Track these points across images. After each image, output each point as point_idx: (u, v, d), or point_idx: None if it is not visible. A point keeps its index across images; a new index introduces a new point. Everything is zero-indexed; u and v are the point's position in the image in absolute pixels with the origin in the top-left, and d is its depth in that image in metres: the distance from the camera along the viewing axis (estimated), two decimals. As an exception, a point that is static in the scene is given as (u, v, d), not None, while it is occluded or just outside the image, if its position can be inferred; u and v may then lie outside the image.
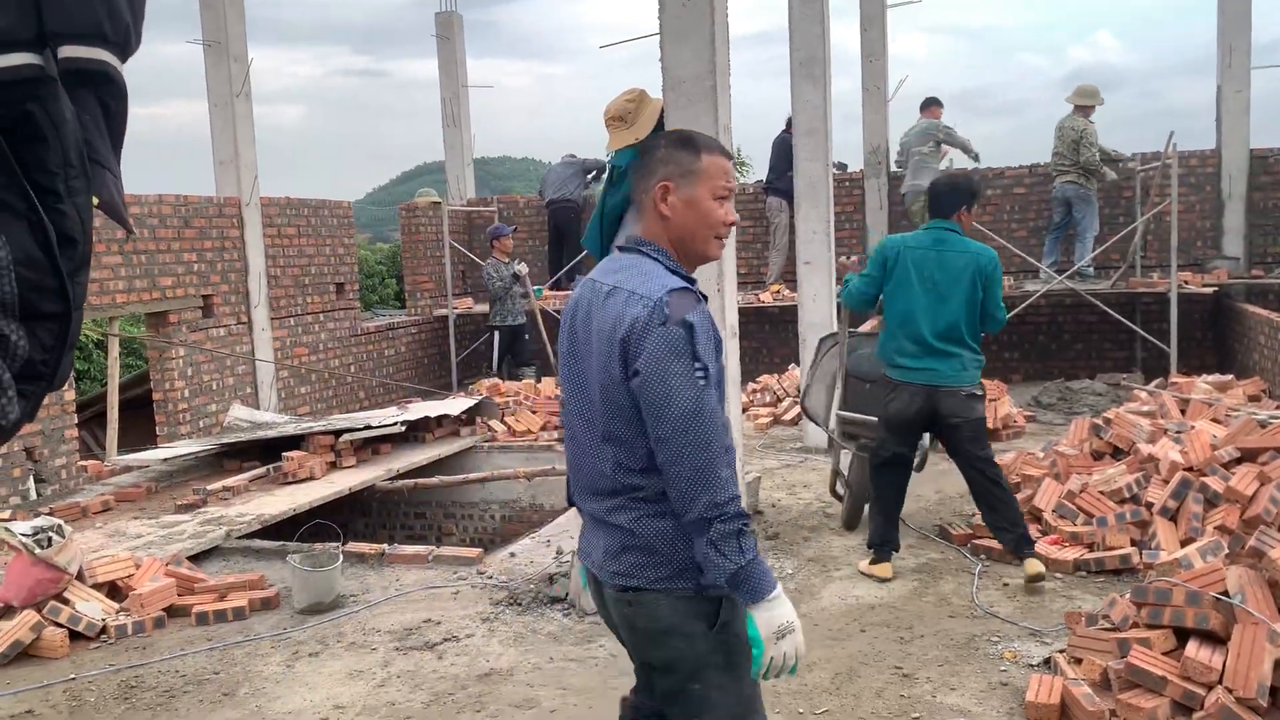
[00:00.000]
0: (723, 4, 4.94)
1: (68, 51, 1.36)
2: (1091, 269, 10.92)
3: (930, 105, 11.54)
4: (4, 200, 1.33)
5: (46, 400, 7.18)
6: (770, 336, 12.63)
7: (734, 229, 2.42)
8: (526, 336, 11.51)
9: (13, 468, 7.27)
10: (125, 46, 1.45)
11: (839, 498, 6.16)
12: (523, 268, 11.18)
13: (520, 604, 4.91)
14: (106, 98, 1.47)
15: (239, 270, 9.54)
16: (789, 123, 11.53)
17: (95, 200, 1.48)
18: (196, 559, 5.76)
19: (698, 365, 2.11)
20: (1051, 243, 11.19)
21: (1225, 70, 11.08)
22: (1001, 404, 8.39)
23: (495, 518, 7.97)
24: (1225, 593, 3.51)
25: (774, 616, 2.11)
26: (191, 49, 9.62)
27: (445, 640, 4.54)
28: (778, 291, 11.76)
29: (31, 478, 7.46)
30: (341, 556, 5.26)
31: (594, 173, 12.62)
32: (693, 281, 2.24)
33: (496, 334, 11.20)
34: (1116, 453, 6.23)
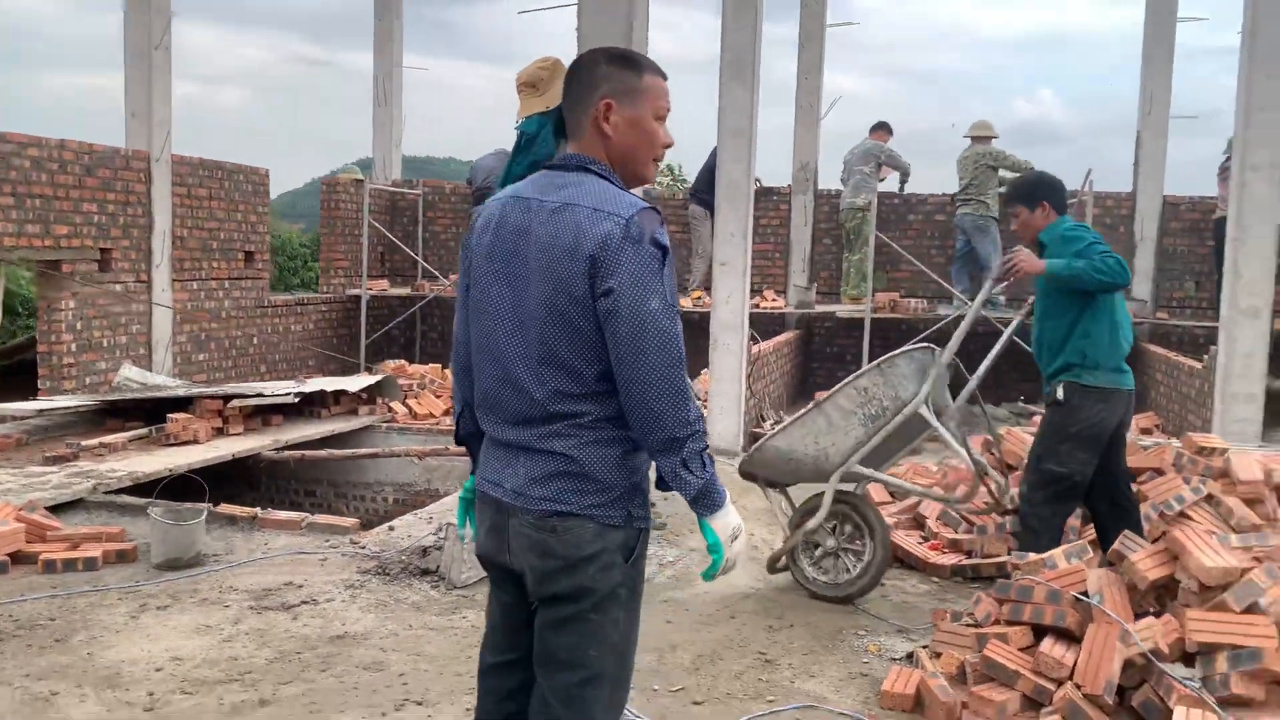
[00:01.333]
0: (643, -22, 4.89)
1: None
2: (1001, 299, 11.10)
3: (878, 129, 11.71)
4: None
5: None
6: (688, 343, 12.52)
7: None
8: None
9: (-128, 407, 6.88)
10: None
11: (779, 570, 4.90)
12: None
13: (389, 574, 4.75)
14: None
15: (142, 227, 9.21)
16: None
17: None
18: (58, 510, 5.49)
19: (668, 287, 2.09)
20: (958, 270, 11.38)
21: (1145, 118, 11.38)
22: (904, 420, 8.43)
23: (388, 500, 7.77)
24: (1085, 593, 3.51)
25: (729, 522, 2.16)
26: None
27: (303, 603, 4.37)
28: (698, 298, 11.73)
29: (-107, 419, 7.08)
30: (206, 513, 5.04)
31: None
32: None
33: None
34: (1008, 469, 6.28)
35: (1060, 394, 4.34)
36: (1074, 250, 4.28)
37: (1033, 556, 3.81)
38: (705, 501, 2.13)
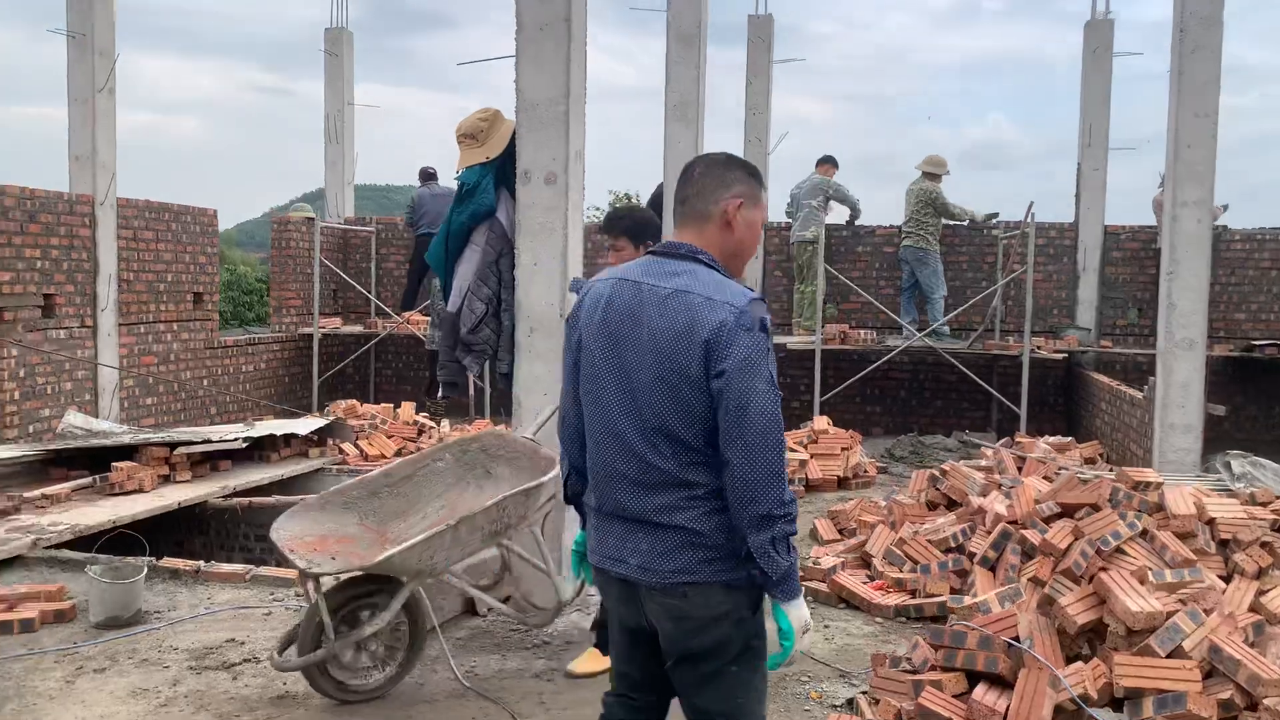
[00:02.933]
0: (581, 31, 4.94)
1: None
2: (947, 329, 11.28)
3: (824, 163, 11.84)
4: None
5: None
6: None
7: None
8: None
9: None
10: None
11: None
12: None
13: (333, 628, 4.71)
14: None
15: (87, 271, 9.12)
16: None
17: None
18: (-5, 568, 5.40)
19: (772, 369, 2.27)
20: (906, 301, 11.56)
21: (1085, 149, 11.65)
22: (854, 454, 8.53)
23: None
24: (1017, 638, 3.58)
25: (802, 614, 2.31)
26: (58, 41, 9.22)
27: (245, 661, 4.33)
28: None
29: None
30: (146, 569, 4.99)
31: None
32: None
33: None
34: (951, 504, 6.37)
35: None
36: None
37: (967, 600, 3.87)
38: (785, 587, 2.27)
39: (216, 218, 10.95)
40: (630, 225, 4.32)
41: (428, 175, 12.70)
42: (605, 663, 3.87)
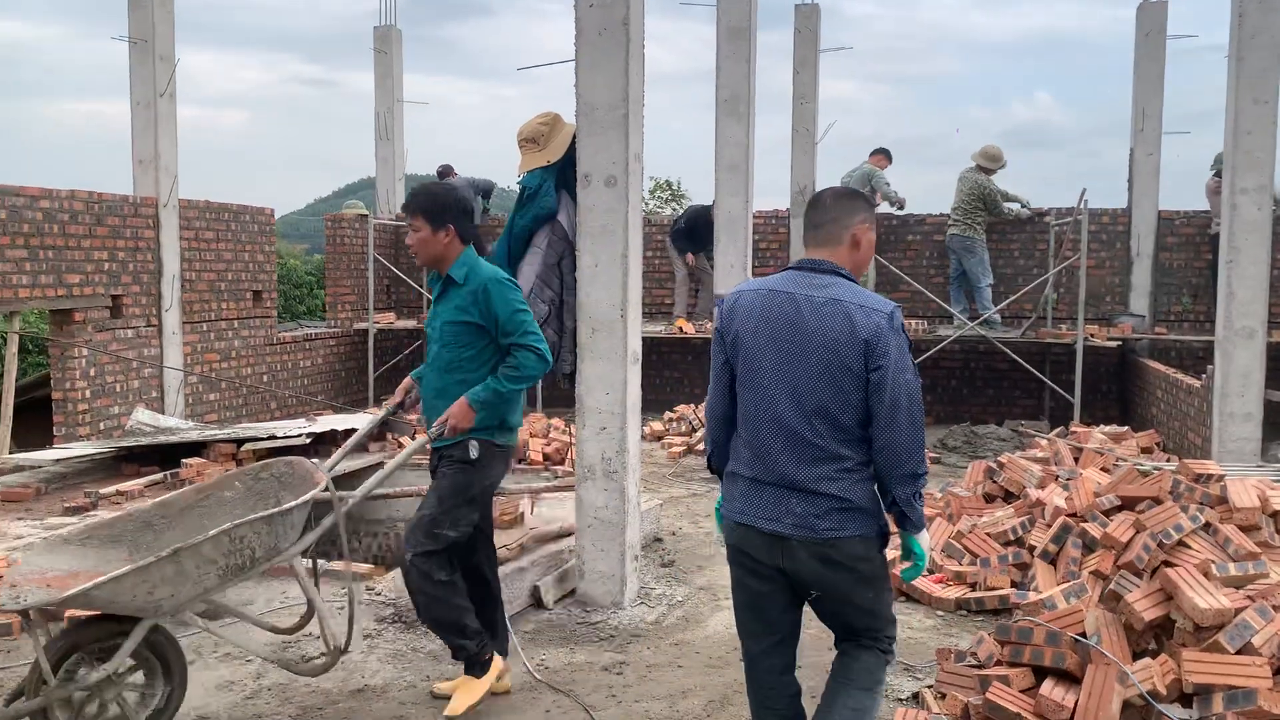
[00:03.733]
0: (639, 34, 5.01)
1: None
2: (997, 318, 11.23)
3: (878, 154, 11.91)
4: None
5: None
6: (692, 367, 12.72)
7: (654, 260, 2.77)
8: None
9: (-106, 462, 7.01)
10: None
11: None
12: None
13: (405, 622, 4.86)
14: None
15: (151, 272, 9.36)
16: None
17: None
18: (78, 563, 5.60)
19: (911, 358, 2.87)
20: (955, 290, 11.52)
21: (1138, 134, 11.51)
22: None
23: (400, 537, 7.87)
24: (1084, 634, 3.62)
25: (926, 539, 3.01)
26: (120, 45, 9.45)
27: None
28: (681, 328, 11.87)
29: (-86, 473, 7.20)
30: (226, 566, 5.14)
31: (485, 193, 12.83)
32: None
33: None
34: (1008, 496, 6.38)
35: (473, 452, 3.90)
36: (498, 317, 3.86)
37: (1031, 595, 3.91)
38: (918, 524, 2.92)
39: (273, 216, 11.16)
40: (426, 203, 3.96)
41: (443, 173, 12.91)
42: (481, 690, 3.88)
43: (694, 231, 11.93)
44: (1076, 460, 7.07)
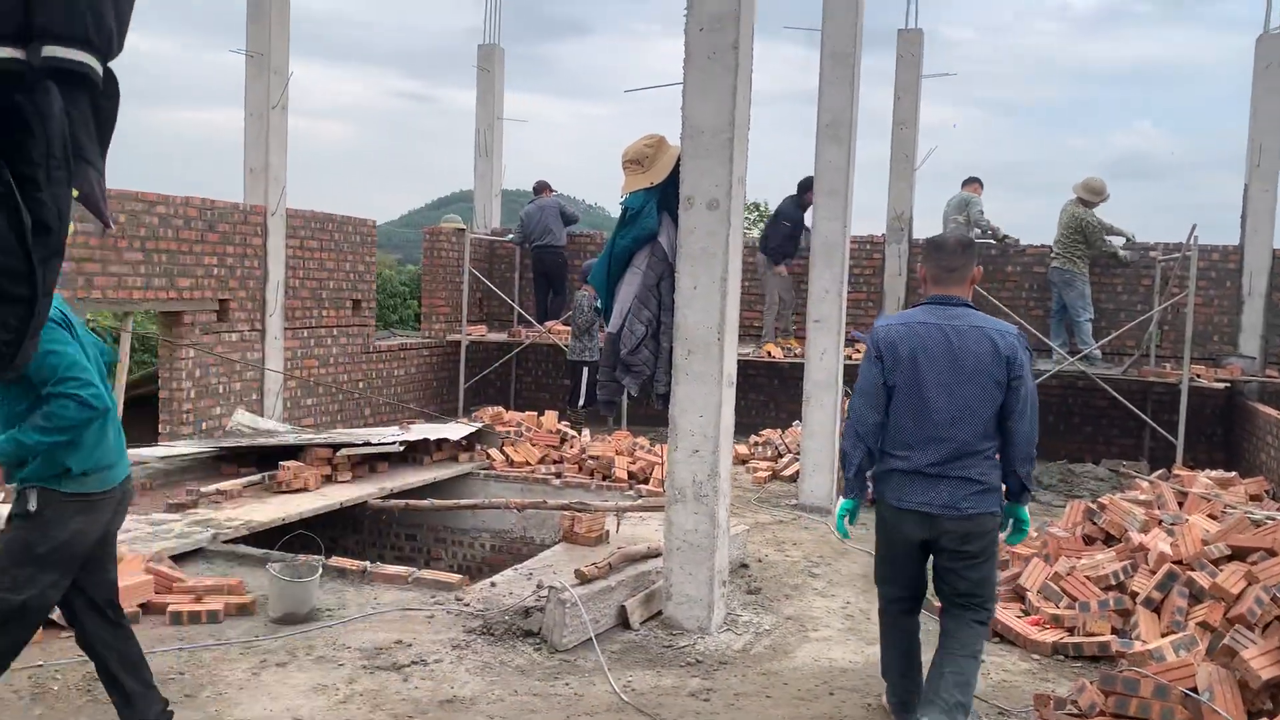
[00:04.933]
0: (747, 61, 5.01)
1: (51, 51, 1.42)
2: (1098, 353, 10.92)
3: (971, 182, 11.93)
4: None
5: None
6: (779, 391, 12.63)
7: (744, 283, 3.13)
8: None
9: (12, 452, 7.32)
10: (107, 51, 1.50)
11: None
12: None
13: (493, 634, 4.90)
14: (99, 99, 1.53)
15: (257, 278, 9.65)
16: (801, 187, 11.75)
17: (75, 193, 1.53)
18: (180, 559, 5.78)
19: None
20: (1056, 324, 11.26)
21: (1254, 169, 11.11)
22: (1001, 480, 8.33)
23: (485, 546, 7.96)
24: (1194, 689, 3.48)
25: (1031, 509, 4.05)
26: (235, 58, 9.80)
27: (413, 663, 4.53)
28: (769, 352, 11.79)
29: (30, 463, 7.50)
30: (321, 569, 5.26)
31: (571, 221, 13.14)
32: None
33: (585, 369, 11.04)
34: (1109, 539, 6.19)
35: (31, 504, 3.37)
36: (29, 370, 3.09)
37: (1140, 646, 3.78)
38: (1030, 497, 3.93)
39: (374, 228, 11.43)
40: None
41: (539, 189, 13.09)
42: None
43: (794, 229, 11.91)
44: (1181, 505, 6.81)
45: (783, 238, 11.94)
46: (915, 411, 3.74)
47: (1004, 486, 3.84)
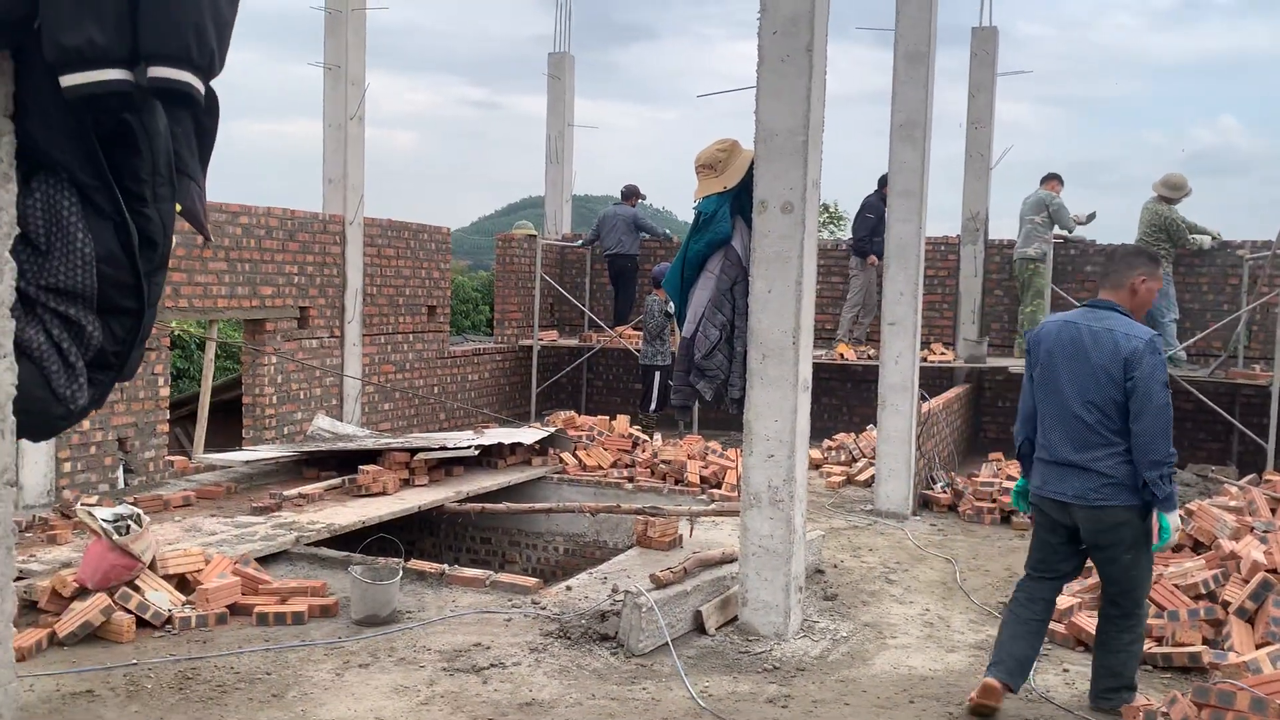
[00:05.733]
0: (821, 61, 4.99)
1: (156, 71, 1.48)
2: (1183, 355, 10.61)
3: (1050, 179, 11.69)
4: (94, 201, 1.43)
5: (141, 394, 7.41)
6: (851, 395, 12.51)
7: (818, 286, 3.18)
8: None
9: (105, 456, 7.58)
10: (209, 70, 1.56)
11: None
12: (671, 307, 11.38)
13: (570, 637, 4.93)
14: (201, 116, 1.58)
15: (337, 286, 9.86)
16: (881, 182, 11.69)
17: (178, 207, 1.58)
18: (264, 561, 5.92)
19: (1165, 377, 3.96)
20: None
21: (1348, 162, 10.71)
22: (1083, 485, 8.14)
23: (559, 550, 8.02)
24: (1293, 703, 3.36)
25: (1175, 520, 4.00)
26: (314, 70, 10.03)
27: (492, 666, 4.58)
28: (842, 354, 11.68)
29: (121, 467, 7.77)
30: (401, 572, 5.35)
31: (648, 231, 13.36)
32: None
33: (658, 374, 11.11)
34: (1197, 546, 6.01)
35: None
36: None
37: (1234, 657, 3.67)
38: (1167, 504, 3.94)
39: (449, 235, 11.60)
40: None
41: (628, 194, 13.19)
42: None
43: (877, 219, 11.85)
44: (1274, 511, 6.59)
45: (868, 230, 11.94)
46: (1051, 404, 4.11)
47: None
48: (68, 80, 1.42)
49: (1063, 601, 5.44)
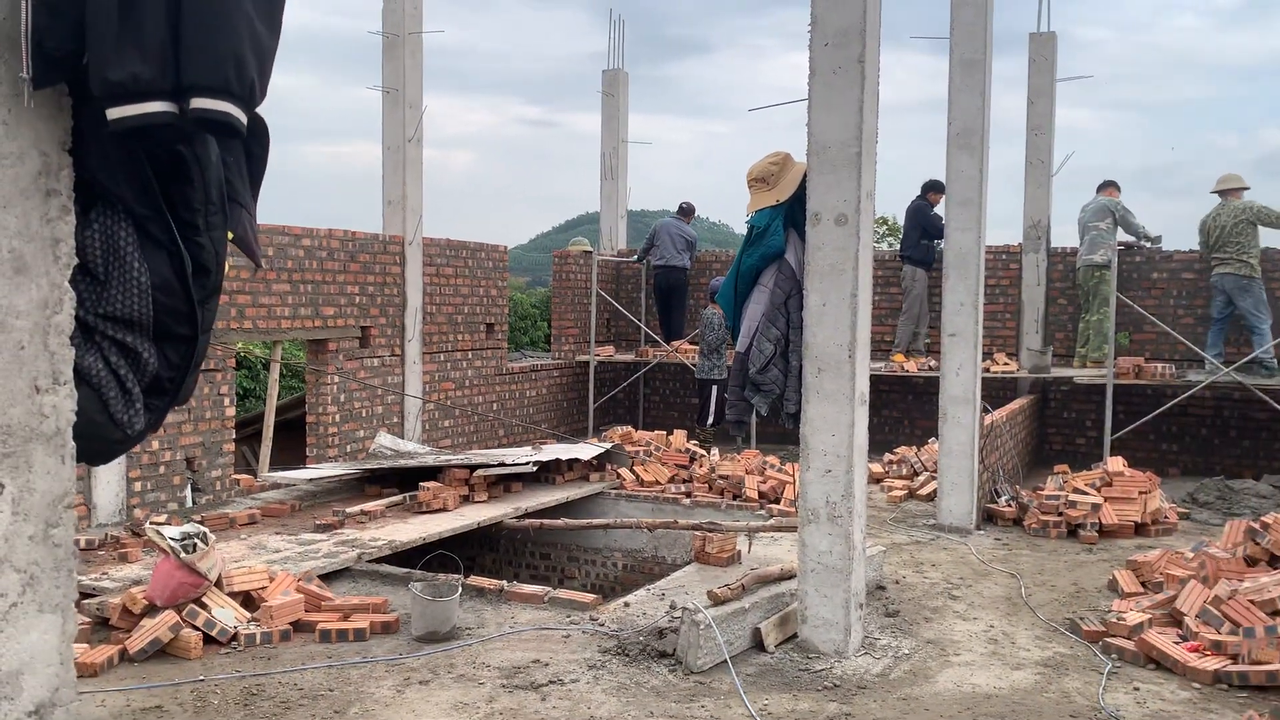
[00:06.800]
0: (874, 73, 4.95)
1: (198, 103, 1.52)
2: (1275, 362, 10.30)
3: (1106, 186, 11.56)
4: (149, 231, 1.47)
5: (208, 414, 7.58)
6: (912, 407, 12.36)
7: (876, 297, 3.01)
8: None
9: (173, 475, 7.76)
10: (250, 99, 1.60)
11: None
12: None
13: (628, 654, 4.92)
14: (250, 144, 1.62)
15: (397, 305, 9.99)
16: (924, 189, 11.65)
17: (230, 235, 1.62)
18: (327, 578, 6.00)
19: None
20: (1214, 334, 10.67)
21: None
22: (1153, 498, 7.95)
23: (617, 565, 8.02)
24: (1376, 724, 3.24)
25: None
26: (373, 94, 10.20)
27: (551, 682, 4.59)
28: (900, 362, 11.54)
29: (189, 486, 7.94)
30: (461, 589, 5.39)
31: (694, 246, 13.32)
32: None
33: (714, 388, 11.12)
34: (1274, 561, 5.83)
35: None
36: None
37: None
38: None
39: (507, 254, 11.70)
40: None
41: (686, 210, 13.25)
42: None
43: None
44: (1356, 524, 6.36)
45: (915, 240, 11.93)
46: None
47: None
48: (114, 113, 1.47)
49: (1132, 618, 5.32)
